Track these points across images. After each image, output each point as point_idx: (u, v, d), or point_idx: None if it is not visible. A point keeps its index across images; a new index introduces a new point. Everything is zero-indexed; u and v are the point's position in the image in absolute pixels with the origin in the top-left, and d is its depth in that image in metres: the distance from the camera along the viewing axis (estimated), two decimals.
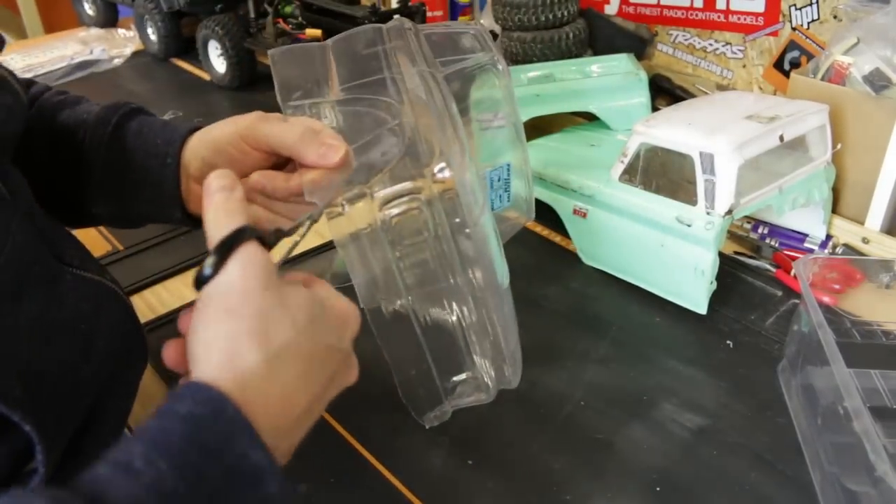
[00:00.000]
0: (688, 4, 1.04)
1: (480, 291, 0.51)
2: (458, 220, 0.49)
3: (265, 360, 0.34)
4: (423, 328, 0.53)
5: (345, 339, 0.40)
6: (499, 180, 0.67)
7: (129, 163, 0.52)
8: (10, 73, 0.46)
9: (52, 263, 0.44)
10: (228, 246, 0.36)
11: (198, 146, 0.51)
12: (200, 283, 0.36)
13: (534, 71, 0.90)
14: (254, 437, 0.32)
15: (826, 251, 0.78)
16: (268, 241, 0.38)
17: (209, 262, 0.36)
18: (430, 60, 0.53)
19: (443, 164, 0.48)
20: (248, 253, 0.36)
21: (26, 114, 0.45)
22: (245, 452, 0.32)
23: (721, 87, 1.05)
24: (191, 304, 0.37)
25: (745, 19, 1.00)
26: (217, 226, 0.38)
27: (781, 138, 0.68)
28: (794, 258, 0.75)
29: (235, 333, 0.34)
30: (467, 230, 0.49)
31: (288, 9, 1.19)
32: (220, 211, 0.38)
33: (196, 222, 0.53)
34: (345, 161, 0.46)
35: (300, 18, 1.18)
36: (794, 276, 0.72)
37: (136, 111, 0.55)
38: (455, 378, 0.56)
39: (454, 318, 0.53)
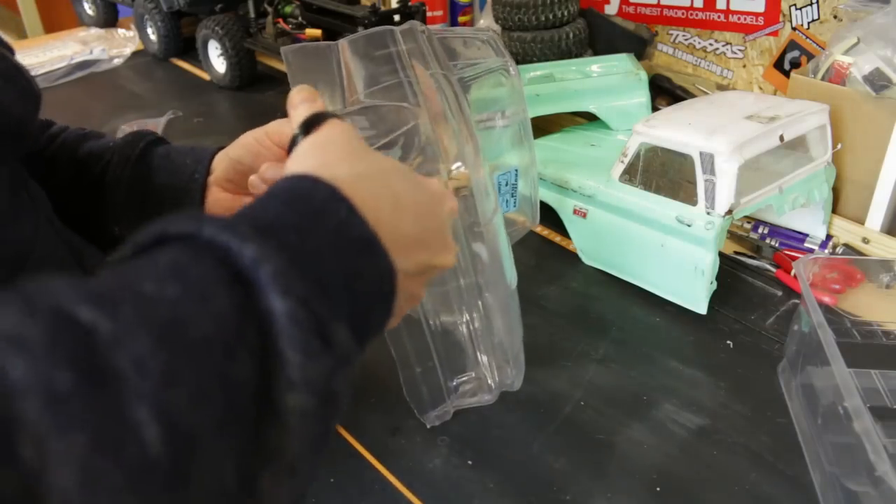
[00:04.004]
0: (688, 4, 1.04)
1: (489, 292, 0.51)
2: (470, 220, 0.49)
3: (354, 179, 0.33)
4: (431, 327, 0.53)
5: (441, 206, 0.38)
6: (506, 184, 0.67)
7: (153, 181, 0.53)
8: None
9: (75, 267, 0.44)
10: (320, 118, 0.38)
11: (223, 154, 0.53)
12: (294, 143, 0.38)
13: (534, 71, 0.90)
14: (354, 211, 0.31)
15: (826, 251, 0.78)
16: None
17: (301, 128, 0.38)
18: (444, 63, 0.53)
19: (459, 164, 0.48)
20: (337, 122, 0.38)
21: (40, 102, 0.45)
22: (347, 220, 0.31)
23: (721, 87, 1.05)
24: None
25: (745, 19, 1.00)
26: (299, 110, 0.39)
27: (781, 138, 0.68)
28: (794, 258, 0.75)
29: (324, 158, 0.35)
30: (479, 229, 0.49)
31: (288, 9, 1.19)
32: (305, 102, 0.40)
33: None
34: None
35: (300, 18, 1.18)
36: (794, 276, 0.72)
37: (163, 140, 0.56)
38: (459, 378, 0.56)
39: (463, 318, 0.53)
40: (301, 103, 0.40)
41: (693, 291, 0.69)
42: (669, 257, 0.69)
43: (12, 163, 0.42)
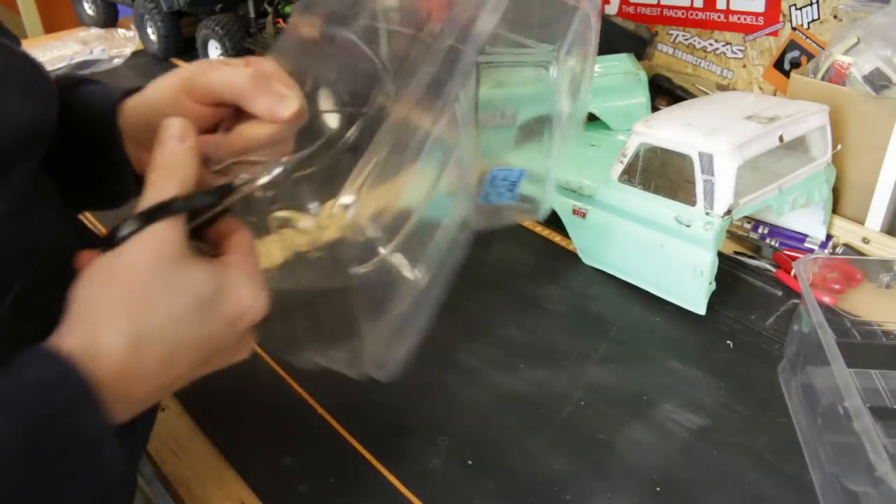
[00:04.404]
0: (688, 4, 1.04)
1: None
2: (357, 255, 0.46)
3: (127, 342, 0.34)
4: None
5: (237, 327, 0.38)
6: (504, 179, 0.66)
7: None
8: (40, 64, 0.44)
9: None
10: (147, 219, 0.36)
11: (133, 113, 0.47)
12: (108, 243, 0.35)
13: None
14: (95, 406, 0.33)
15: (826, 251, 0.78)
16: (200, 204, 0.38)
17: (125, 228, 0.35)
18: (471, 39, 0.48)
19: (346, 200, 0.43)
20: (159, 232, 0.36)
21: (57, 102, 0.43)
22: (86, 419, 0.32)
23: (721, 87, 1.05)
24: (98, 248, 0.37)
25: (745, 19, 1.00)
26: (153, 186, 0.37)
27: (781, 139, 0.68)
28: (794, 258, 0.75)
29: (108, 303, 0.34)
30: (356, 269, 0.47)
31: (288, 9, 1.19)
32: (162, 169, 0.37)
33: None
34: (298, 117, 0.42)
35: None
36: (794, 276, 0.72)
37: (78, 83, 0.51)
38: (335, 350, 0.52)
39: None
40: (168, 141, 0.38)
41: (692, 291, 0.69)
42: (669, 257, 0.69)
43: (32, 162, 0.42)
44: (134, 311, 0.34)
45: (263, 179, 0.42)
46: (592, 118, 0.92)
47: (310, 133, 0.47)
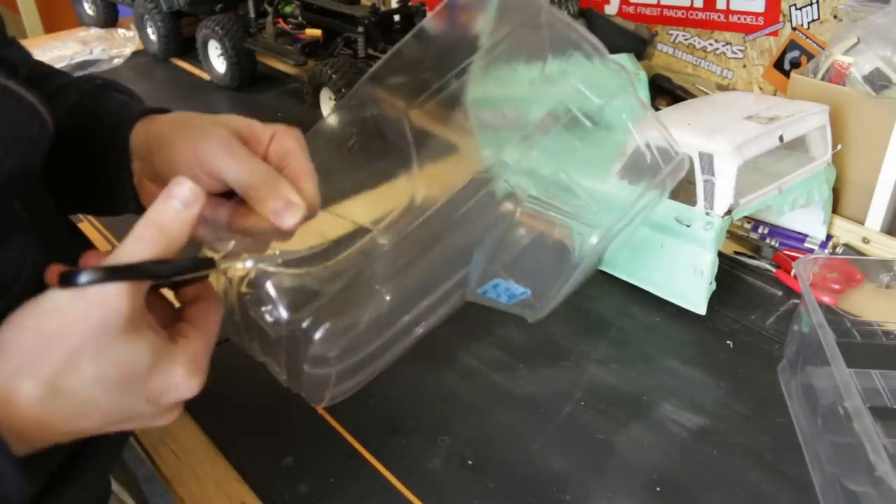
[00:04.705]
0: (688, 4, 1.04)
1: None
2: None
3: (40, 397, 0.34)
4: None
5: (159, 402, 0.37)
6: (506, 290, 0.58)
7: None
8: (40, 98, 0.41)
9: None
10: (110, 275, 0.34)
11: (143, 140, 0.45)
12: (63, 282, 0.33)
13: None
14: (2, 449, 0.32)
15: (826, 251, 0.78)
16: (172, 273, 0.36)
17: (85, 276, 0.33)
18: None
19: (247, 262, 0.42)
20: (112, 294, 0.34)
21: (51, 136, 0.42)
22: None
23: (721, 87, 1.05)
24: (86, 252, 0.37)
25: (745, 19, 1.00)
26: (136, 239, 0.35)
27: (781, 139, 0.68)
28: (794, 258, 0.75)
29: (34, 356, 0.33)
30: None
31: (288, 9, 1.19)
32: (152, 227, 0.36)
33: None
34: (303, 222, 0.40)
35: (300, 18, 1.18)
36: (794, 276, 0.72)
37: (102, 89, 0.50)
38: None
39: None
40: (170, 199, 0.35)
41: (692, 292, 0.69)
42: (668, 257, 0.69)
43: (9, 203, 0.40)
44: (56, 370, 0.34)
45: (250, 265, 0.41)
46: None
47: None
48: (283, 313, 0.46)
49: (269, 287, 0.46)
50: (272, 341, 0.47)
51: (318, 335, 0.45)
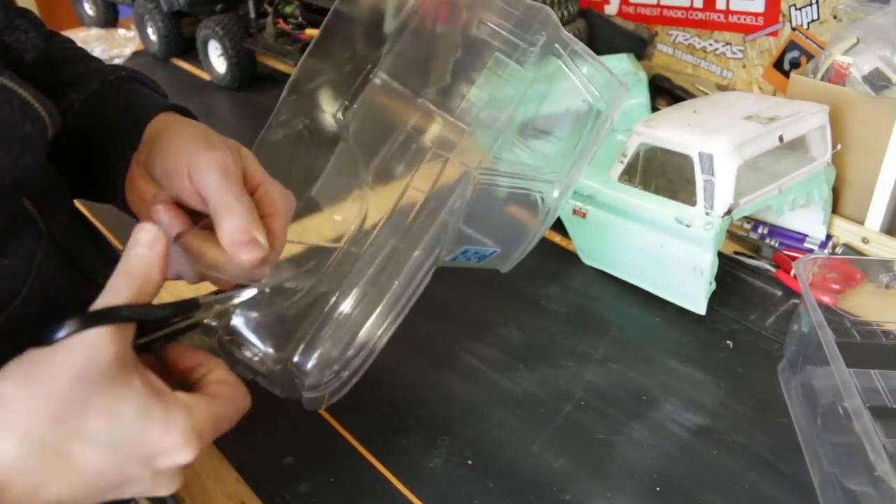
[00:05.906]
0: (688, 4, 1.04)
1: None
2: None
3: (21, 456, 0.32)
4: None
5: (152, 464, 0.35)
6: (475, 253, 0.60)
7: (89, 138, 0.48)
8: (36, 94, 0.39)
9: (81, 285, 0.42)
10: (89, 321, 0.33)
11: (155, 149, 0.45)
12: (45, 338, 0.33)
13: None
14: None
15: (826, 251, 0.78)
16: (152, 316, 0.35)
17: (64, 329, 0.32)
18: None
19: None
20: (94, 339, 0.33)
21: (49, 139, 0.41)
22: None
23: (721, 87, 1.05)
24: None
25: (744, 19, 1.00)
26: (109, 289, 0.35)
27: (781, 139, 0.68)
28: (793, 258, 0.75)
29: (16, 409, 0.32)
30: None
31: (288, 9, 1.20)
32: (123, 275, 0.35)
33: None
34: (259, 265, 0.40)
35: (300, 18, 1.18)
36: (794, 276, 0.72)
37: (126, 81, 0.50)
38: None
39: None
40: (137, 247, 0.35)
41: (692, 292, 0.69)
42: (668, 257, 0.69)
43: (7, 207, 0.39)
44: (39, 424, 0.32)
45: (234, 301, 0.40)
46: None
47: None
48: (270, 352, 0.46)
49: (248, 333, 0.46)
50: (264, 373, 0.47)
51: (310, 365, 0.45)
